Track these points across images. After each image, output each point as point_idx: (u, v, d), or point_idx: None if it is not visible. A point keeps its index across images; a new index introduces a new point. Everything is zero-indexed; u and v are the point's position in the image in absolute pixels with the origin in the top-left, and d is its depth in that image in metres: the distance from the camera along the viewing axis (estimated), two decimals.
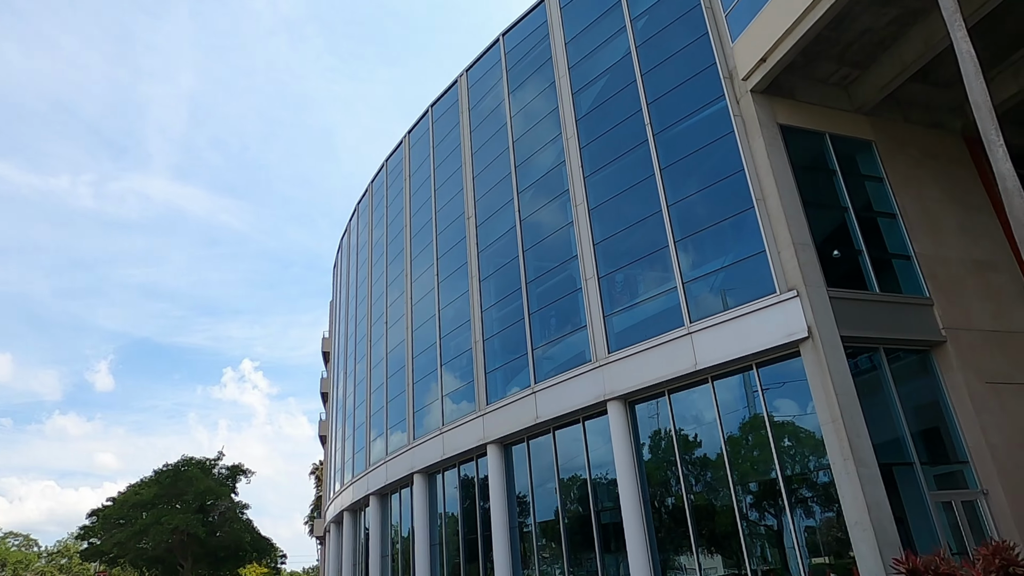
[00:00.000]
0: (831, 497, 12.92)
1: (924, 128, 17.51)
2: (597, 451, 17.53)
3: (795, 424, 13.85)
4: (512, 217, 21.42)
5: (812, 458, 13.41)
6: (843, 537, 12.59)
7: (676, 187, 16.50)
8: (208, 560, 50.14)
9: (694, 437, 15.41)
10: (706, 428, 15.16)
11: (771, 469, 13.78)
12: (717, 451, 14.74)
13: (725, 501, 14.52)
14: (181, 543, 45.76)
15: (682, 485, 15.14)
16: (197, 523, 44.73)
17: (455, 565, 22.33)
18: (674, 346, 15.41)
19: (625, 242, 17.50)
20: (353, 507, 31.89)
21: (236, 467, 53.44)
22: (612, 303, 17.44)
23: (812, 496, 13.49)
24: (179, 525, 43.64)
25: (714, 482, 14.80)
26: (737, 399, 14.82)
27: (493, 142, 23.37)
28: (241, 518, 50.98)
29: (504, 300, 21.17)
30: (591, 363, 17.25)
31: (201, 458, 51.34)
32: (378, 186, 33.31)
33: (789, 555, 13.57)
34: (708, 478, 14.99)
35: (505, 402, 19.84)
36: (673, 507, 15.58)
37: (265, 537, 54.30)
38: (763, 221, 14.47)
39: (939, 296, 14.85)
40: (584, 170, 19.06)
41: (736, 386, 14.88)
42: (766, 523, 14.15)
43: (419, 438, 24.29)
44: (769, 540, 14.10)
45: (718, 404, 14.87)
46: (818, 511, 13.42)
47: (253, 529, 52.37)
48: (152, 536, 43.45)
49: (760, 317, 14.03)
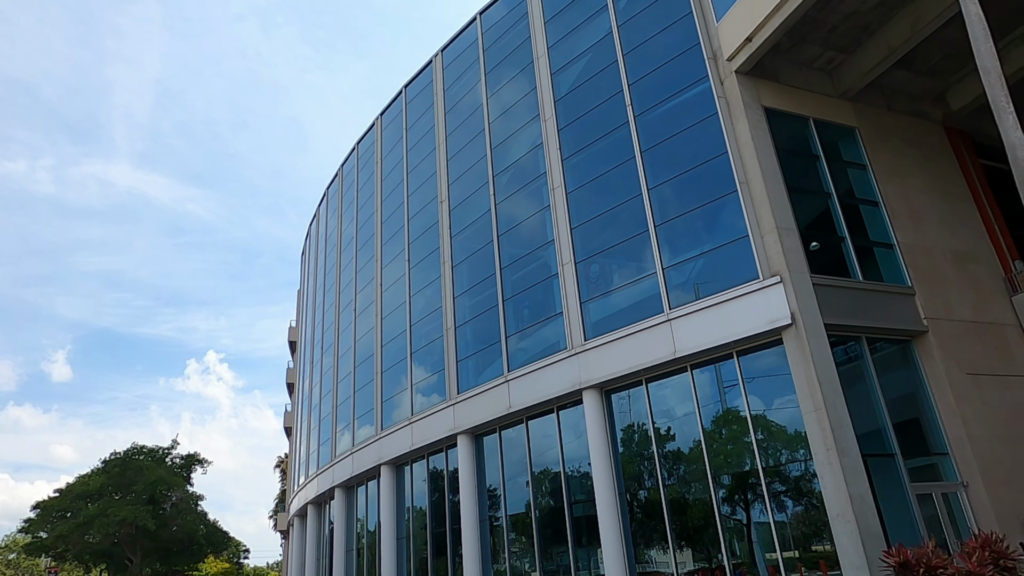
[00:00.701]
0: (812, 489, 12.56)
1: (906, 117, 17.30)
2: (571, 442, 16.99)
3: (776, 414, 13.46)
4: (487, 201, 20.74)
5: (793, 449, 13.03)
6: (824, 530, 12.23)
7: (657, 170, 15.99)
8: (160, 554, 47.36)
9: (672, 427, 14.95)
10: (684, 418, 14.71)
11: (750, 460, 13.37)
12: (695, 442, 14.30)
13: (702, 493, 14.09)
14: (130, 536, 43.01)
15: (658, 477, 14.67)
16: (147, 515, 41.97)
17: (422, 560, 21.66)
18: (653, 333, 14.92)
19: (603, 227, 16.96)
20: (317, 500, 30.97)
21: (191, 456, 50.41)
22: (589, 289, 16.89)
23: (792, 488, 13.12)
24: (127, 517, 40.78)
25: (691, 474, 14.36)
26: (717, 388, 14.38)
27: (468, 124, 22.65)
28: (196, 510, 48.26)
29: (477, 286, 20.50)
30: (567, 351, 16.69)
31: (153, 447, 48.36)
32: (348, 170, 32.33)
33: (767, 548, 13.19)
34: (685, 469, 14.54)
35: (477, 391, 19.19)
36: (649, 499, 15.11)
37: (222, 530, 51.78)
38: (746, 205, 14.04)
39: (921, 286, 14.61)
40: (562, 152, 18.46)
41: (715, 375, 14.44)
42: (744, 516, 13.74)
43: (387, 428, 23.52)
44: (746, 533, 13.70)
45: (697, 393, 14.42)
46: (799, 503, 13.05)
47: (208, 521, 49.88)
48: (97, 529, 40.51)
49: (742, 304, 13.59)
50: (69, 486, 45.28)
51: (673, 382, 15.04)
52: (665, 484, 14.61)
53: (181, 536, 46.06)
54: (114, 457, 46.08)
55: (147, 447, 47.65)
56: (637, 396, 15.64)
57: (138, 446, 47.26)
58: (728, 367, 14.12)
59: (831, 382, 12.36)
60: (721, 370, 14.30)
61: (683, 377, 14.79)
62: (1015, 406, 14.19)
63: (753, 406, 13.52)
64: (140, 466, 44.75)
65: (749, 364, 13.86)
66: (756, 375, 13.79)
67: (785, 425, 13.26)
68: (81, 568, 49.82)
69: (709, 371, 14.49)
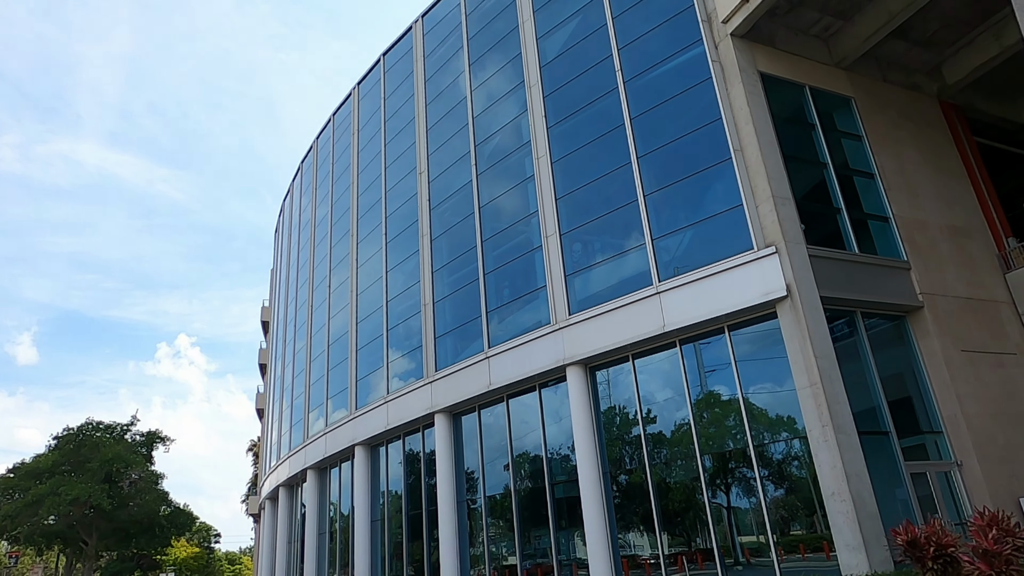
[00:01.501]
0: (805, 467, 12.07)
1: (902, 89, 16.82)
2: (554, 421, 16.37)
3: (768, 390, 12.94)
4: (468, 172, 19.90)
5: (784, 427, 12.53)
6: (817, 509, 11.77)
7: (647, 138, 15.30)
8: (117, 536, 44.00)
9: (659, 405, 14.38)
10: (672, 395, 14.14)
11: (741, 438, 12.85)
12: (683, 420, 13.74)
13: (690, 473, 13.56)
14: (84, 517, 39.94)
15: (645, 455, 14.10)
16: (101, 494, 38.67)
17: (397, 543, 20.98)
18: (640, 307, 14.29)
19: (590, 197, 16.25)
20: (289, 482, 30.09)
21: (152, 434, 46.75)
22: (574, 262, 16.21)
23: (785, 467, 12.63)
24: (79, 496, 37.61)
25: (679, 453, 13.82)
26: (706, 364, 13.82)
27: (449, 92, 21.73)
28: (156, 489, 44.62)
29: (457, 260, 19.71)
30: (550, 326, 16.01)
31: (111, 422, 44.79)
32: (324, 142, 31.18)
33: (757, 530, 12.71)
34: (673, 449, 14.00)
35: (456, 368, 18.46)
36: (634, 480, 14.56)
37: (186, 511, 48.32)
38: (740, 173, 13.42)
39: (916, 260, 14.17)
40: (547, 120, 17.67)
41: (705, 350, 13.87)
42: (733, 497, 13.25)
43: (362, 408, 22.70)
44: (735, 515, 13.21)
45: (686, 369, 13.85)
46: (791, 482, 12.57)
47: (170, 501, 46.59)
48: (47, 508, 37.58)
49: (735, 276, 13.01)
50: (21, 464, 42.48)
51: (661, 358, 14.45)
52: (651, 464, 14.05)
53: (140, 517, 42.74)
54: (67, 433, 42.64)
55: (104, 423, 44.30)
56: (623, 373, 15.04)
57: (94, 422, 43.92)
58: (719, 342, 13.56)
59: (827, 356, 11.85)
60: (712, 346, 13.73)
61: (671, 353, 14.21)
62: (1009, 384, 13.86)
63: (744, 382, 12.97)
64: (96, 443, 41.77)
65: (741, 339, 13.30)
66: (748, 350, 13.24)
67: (777, 402, 12.75)
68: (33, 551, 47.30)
69: (698, 347, 13.91)
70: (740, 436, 12.91)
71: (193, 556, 63.89)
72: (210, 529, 72.49)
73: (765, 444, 12.69)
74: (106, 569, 42.74)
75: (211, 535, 72.90)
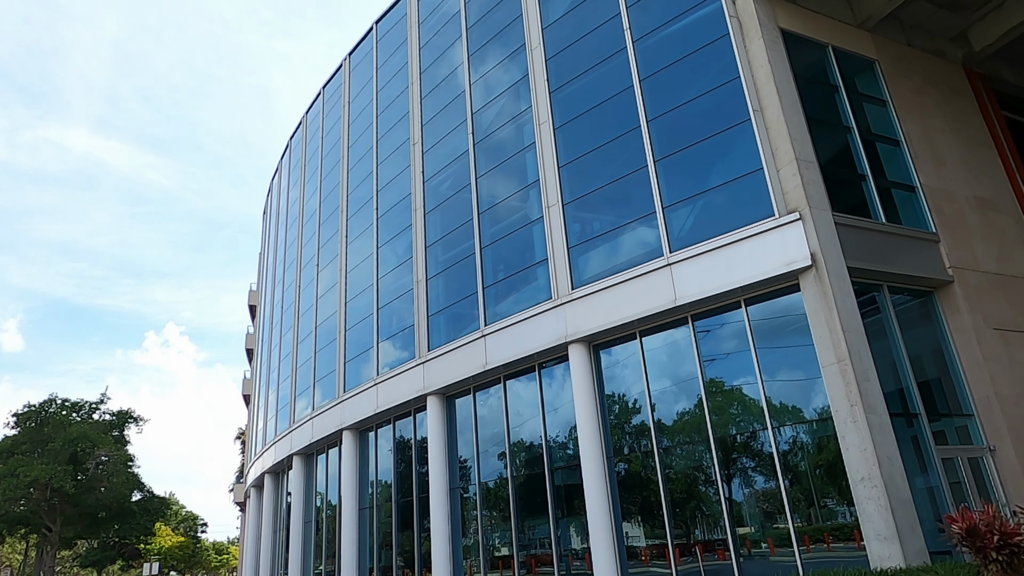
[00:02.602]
0: (829, 452, 11.15)
1: (926, 54, 15.86)
2: (554, 403, 15.40)
3: (788, 369, 11.99)
4: (465, 141, 18.82)
5: (807, 407, 11.59)
6: (844, 497, 10.86)
7: (657, 100, 14.27)
8: (85, 522, 40.59)
9: (668, 384, 13.42)
10: (683, 374, 13.17)
11: (758, 420, 11.91)
12: (695, 400, 12.79)
13: (702, 458, 12.63)
14: (45, 501, 36.93)
15: (652, 439, 13.15)
16: (64, 476, 35.63)
17: (387, 532, 20.00)
18: (650, 280, 13.30)
19: (594, 165, 15.23)
20: (275, 469, 29.05)
21: (124, 413, 43.21)
22: (577, 234, 15.19)
23: (806, 450, 11.71)
24: (39, 478, 34.70)
25: (690, 436, 12.87)
26: (720, 340, 12.86)
27: (445, 59, 20.62)
28: (126, 471, 40.87)
29: (452, 234, 18.65)
30: (551, 301, 15.01)
31: (77, 399, 41.28)
32: (313, 117, 29.97)
33: (777, 518, 11.80)
34: (683, 431, 13.05)
35: (450, 347, 17.44)
36: (641, 465, 13.62)
37: (158, 496, 44.70)
38: (760, 135, 12.42)
39: (945, 232, 13.25)
40: (549, 85, 16.61)
41: (719, 326, 12.91)
42: (750, 482, 12.33)
43: (350, 391, 21.66)
44: (753, 501, 12.29)
45: (698, 346, 12.89)
46: (813, 468, 11.64)
47: (142, 485, 42.88)
48: (4, 491, 34.78)
49: (754, 244, 12.03)
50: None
51: (671, 335, 13.48)
52: (659, 447, 13.10)
53: (108, 502, 39.31)
54: (28, 410, 39.10)
55: (69, 400, 40.83)
56: (629, 351, 14.06)
57: (59, 399, 40.34)
58: (734, 318, 12.60)
59: (856, 330, 10.90)
60: (726, 321, 12.77)
61: (683, 330, 13.24)
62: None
63: (762, 360, 12.02)
64: (60, 421, 38.66)
65: (759, 313, 12.34)
66: (766, 325, 12.29)
67: (798, 382, 11.80)
68: None
69: (712, 322, 12.94)
70: (757, 418, 11.97)
71: (178, 545, 62.80)
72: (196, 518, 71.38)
73: (785, 426, 11.75)
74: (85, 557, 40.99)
75: (197, 524, 71.78)
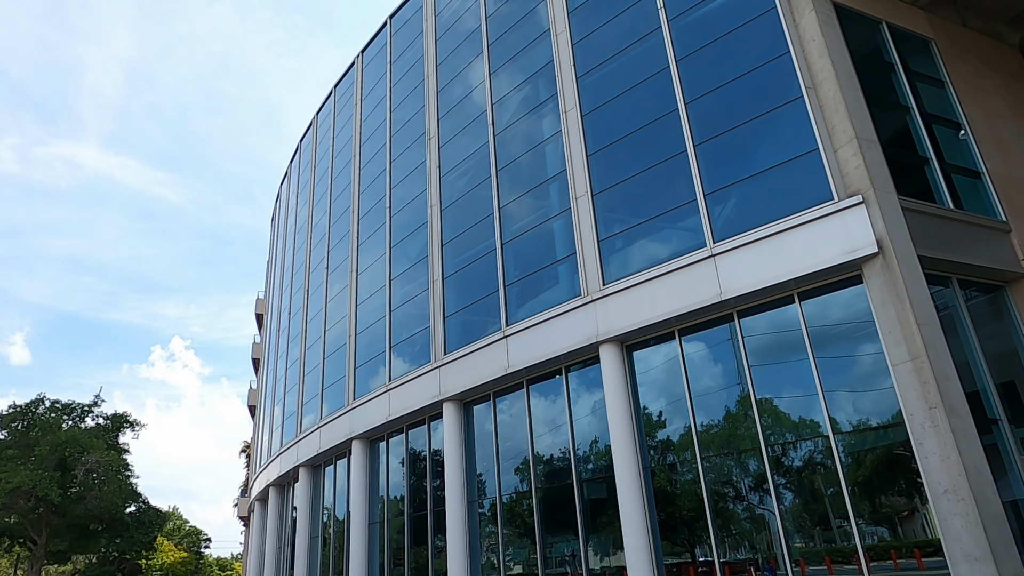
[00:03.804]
0: (901, 462, 9.93)
1: (983, 36, 14.79)
2: (583, 409, 14.22)
3: (849, 369, 10.80)
4: (484, 132, 17.83)
5: (873, 411, 10.37)
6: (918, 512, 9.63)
7: (696, 81, 13.24)
8: (74, 534, 36.54)
9: (710, 387, 12.23)
10: (727, 375, 12.00)
11: (817, 426, 10.70)
12: (743, 405, 11.60)
13: (751, 469, 11.41)
14: (30, 510, 33.21)
15: (696, 446, 11.94)
16: (49, 482, 31.91)
17: (398, 548, 18.75)
18: (690, 273, 12.18)
19: (626, 152, 14.17)
20: (280, 482, 27.84)
21: (119, 417, 39.21)
22: (609, 225, 14.11)
23: (869, 460, 10.48)
24: (22, 484, 30.93)
25: (738, 443, 11.66)
26: (769, 338, 11.70)
27: (462, 50, 19.70)
28: (119, 479, 36.29)
29: (471, 230, 17.59)
30: (580, 298, 13.89)
31: (68, 401, 37.08)
32: (324, 117, 29.14)
33: (837, 535, 10.55)
34: (730, 440, 11.84)
35: (468, 350, 16.31)
36: (682, 477, 12.40)
37: (154, 507, 40.23)
38: (815, 113, 11.35)
39: (1016, 222, 12.08)
40: (576, 70, 15.63)
41: (768, 322, 11.75)
42: (806, 496, 11.09)
43: (360, 398, 20.53)
44: (808, 516, 11.05)
45: (744, 345, 11.72)
46: (880, 479, 10.40)
47: (136, 494, 38.57)
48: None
49: (809, 232, 10.90)
50: None
51: (714, 333, 12.33)
52: (703, 456, 11.89)
53: (99, 512, 35.15)
54: (14, 411, 35.21)
55: (60, 401, 36.71)
56: (667, 351, 12.90)
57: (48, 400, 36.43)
58: (786, 313, 11.44)
59: (931, 324, 9.73)
60: (777, 317, 11.60)
61: (727, 328, 12.08)
62: None
63: (819, 360, 10.84)
64: (49, 424, 35.00)
65: (814, 308, 11.18)
66: (823, 321, 11.12)
67: (861, 383, 10.61)
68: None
69: (761, 319, 11.78)
70: (813, 424, 10.76)
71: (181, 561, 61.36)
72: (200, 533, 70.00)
73: (846, 433, 10.53)
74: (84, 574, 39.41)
75: (201, 539, 70.38)
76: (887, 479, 10.37)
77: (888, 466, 10.28)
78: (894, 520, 10.28)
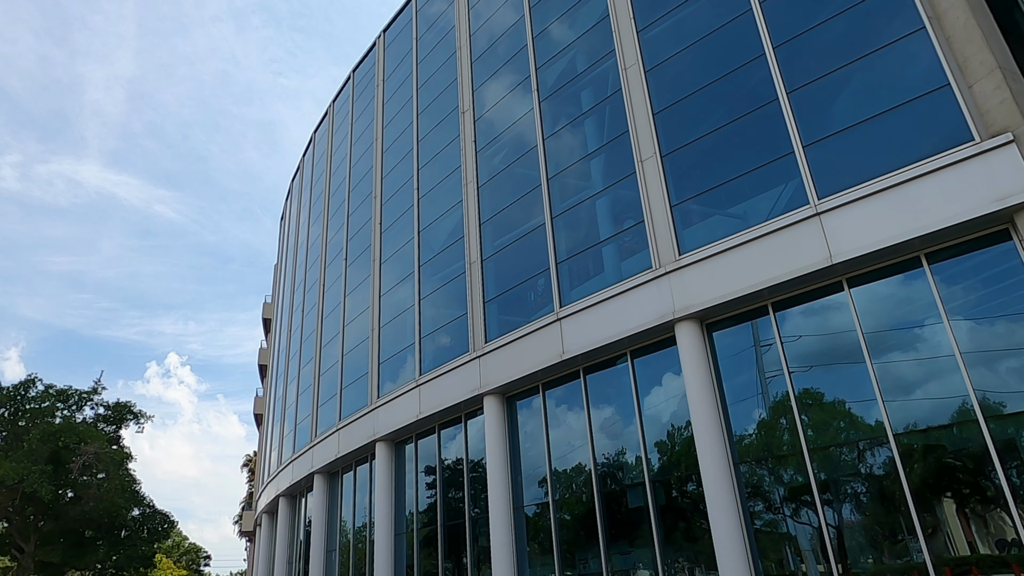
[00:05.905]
0: None
1: None
2: (654, 398, 12.44)
3: (994, 345, 9.05)
4: (528, 101, 16.23)
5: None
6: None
7: (784, 22, 11.64)
8: (69, 541, 30.83)
9: (816, 367, 10.45)
10: (838, 352, 10.23)
11: (958, 412, 8.92)
12: (861, 386, 9.81)
13: (875, 462, 9.61)
14: (16, 510, 27.96)
15: (801, 437, 10.14)
16: (40, 478, 26.04)
17: (430, 562, 16.83)
18: (790, 235, 10.47)
19: (701, 106, 12.54)
20: (291, 491, 25.91)
21: (122, 406, 33.20)
22: (682, 189, 12.42)
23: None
24: (6, 479, 25.48)
25: (856, 433, 9.86)
26: (891, 307, 9.94)
27: (501, 16, 18.17)
28: (120, 475, 30.38)
29: (514, 205, 15.93)
30: (650, 271, 12.17)
31: (65, 387, 30.95)
32: (341, 104, 27.62)
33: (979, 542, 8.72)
34: (846, 427, 10.05)
35: (513, 336, 14.56)
36: (784, 473, 10.58)
37: (161, 512, 34.67)
38: (941, 45, 9.71)
39: None
40: (636, 24, 14.06)
41: (886, 292, 10.01)
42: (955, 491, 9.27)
43: (385, 396, 18.72)
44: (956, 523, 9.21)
45: (858, 317, 9.97)
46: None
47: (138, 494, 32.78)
48: None
49: (941, 179, 9.21)
50: None
51: (818, 305, 10.58)
52: (809, 449, 10.09)
53: (98, 515, 29.73)
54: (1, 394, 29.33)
55: (55, 386, 30.63)
56: (758, 328, 11.14)
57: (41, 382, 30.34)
58: (912, 278, 9.71)
59: None
60: (899, 283, 9.87)
61: (836, 298, 10.34)
62: None
63: (957, 333, 9.09)
64: (42, 412, 29.29)
65: (946, 270, 9.45)
66: (960, 288, 9.38)
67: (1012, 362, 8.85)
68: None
69: (878, 287, 10.04)
70: (956, 409, 8.98)
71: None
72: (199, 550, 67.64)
73: (1000, 418, 8.75)
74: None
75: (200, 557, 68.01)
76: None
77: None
78: None
